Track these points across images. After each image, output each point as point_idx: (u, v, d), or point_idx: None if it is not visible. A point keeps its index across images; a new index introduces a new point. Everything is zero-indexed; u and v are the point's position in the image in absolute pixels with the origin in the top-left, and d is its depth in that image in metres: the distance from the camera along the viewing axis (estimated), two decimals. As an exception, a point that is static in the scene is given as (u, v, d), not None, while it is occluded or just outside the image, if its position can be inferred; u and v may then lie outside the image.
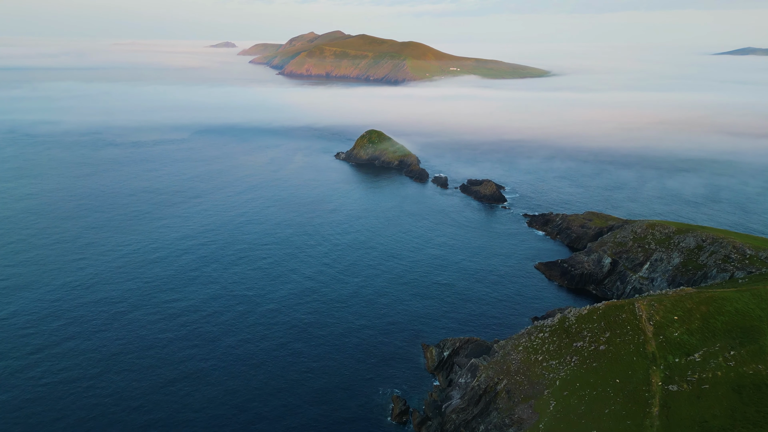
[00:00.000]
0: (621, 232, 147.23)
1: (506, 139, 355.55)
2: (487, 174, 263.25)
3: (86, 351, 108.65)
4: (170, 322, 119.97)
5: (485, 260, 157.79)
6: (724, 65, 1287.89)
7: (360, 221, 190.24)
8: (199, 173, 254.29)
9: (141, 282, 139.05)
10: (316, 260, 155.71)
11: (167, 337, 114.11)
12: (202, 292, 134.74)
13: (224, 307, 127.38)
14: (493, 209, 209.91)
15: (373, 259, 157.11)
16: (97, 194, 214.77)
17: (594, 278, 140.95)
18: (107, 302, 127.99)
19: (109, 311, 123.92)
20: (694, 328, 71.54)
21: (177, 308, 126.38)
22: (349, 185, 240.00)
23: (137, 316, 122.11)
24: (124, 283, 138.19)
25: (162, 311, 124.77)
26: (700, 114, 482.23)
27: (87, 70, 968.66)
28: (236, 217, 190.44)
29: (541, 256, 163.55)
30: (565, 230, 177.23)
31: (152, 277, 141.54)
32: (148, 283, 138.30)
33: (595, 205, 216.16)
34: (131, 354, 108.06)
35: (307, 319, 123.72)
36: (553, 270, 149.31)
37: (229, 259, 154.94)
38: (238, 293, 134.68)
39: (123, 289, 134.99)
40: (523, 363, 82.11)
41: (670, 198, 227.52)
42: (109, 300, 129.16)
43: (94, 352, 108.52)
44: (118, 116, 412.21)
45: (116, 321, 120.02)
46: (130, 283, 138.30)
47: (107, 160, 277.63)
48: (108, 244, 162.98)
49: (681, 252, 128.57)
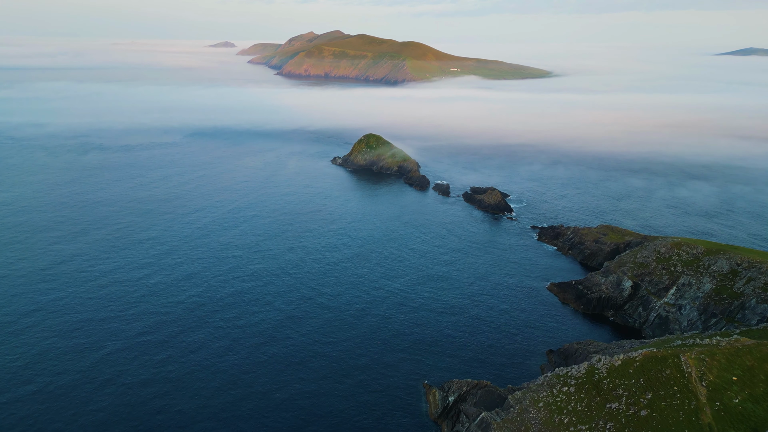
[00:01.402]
0: (642, 251, 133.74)
1: (507, 143, 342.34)
2: (489, 180, 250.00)
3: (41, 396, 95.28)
4: (142, 357, 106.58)
5: (493, 281, 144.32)
6: (727, 66, 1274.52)
7: (356, 234, 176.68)
8: (187, 180, 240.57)
9: (108, 312, 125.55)
10: (307, 282, 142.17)
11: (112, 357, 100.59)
12: (181, 313, 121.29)
13: (203, 339, 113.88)
14: (499, 220, 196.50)
15: (370, 282, 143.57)
16: (76, 203, 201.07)
17: (613, 303, 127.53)
18: (62, 335, 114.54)
19: (67, 345, 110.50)
20: (759, 394, 58.30)
21: (151, 343, 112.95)
22: (346, 193, 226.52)
23: (108, 354, 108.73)
24: (87, 311, 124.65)
25: (136, 347, 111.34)
26: (707, 117, 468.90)
27: (83, 70, 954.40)
28: (222, 232, 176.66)
29: (553, 274, 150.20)
30: (577, 245, 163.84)
31: (123, 307, 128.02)
32: (114, 316, 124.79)
33: (604, 215, 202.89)
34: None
35: (298, 354, 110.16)
36: (567, 292, 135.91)
37: (211, 281, 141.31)
38: (218, 324, 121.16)
39: (79, 319, 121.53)
40: (544, 425, 68.71)
41: (681, 208, 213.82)
42: (64, 333, 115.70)
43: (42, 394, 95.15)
44: (107, 118, 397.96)
45: (84, 360, 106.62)
46: (94, 312, 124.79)
47: (92, 165, 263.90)
48: (77, 261, 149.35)
49: (712, 277, 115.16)
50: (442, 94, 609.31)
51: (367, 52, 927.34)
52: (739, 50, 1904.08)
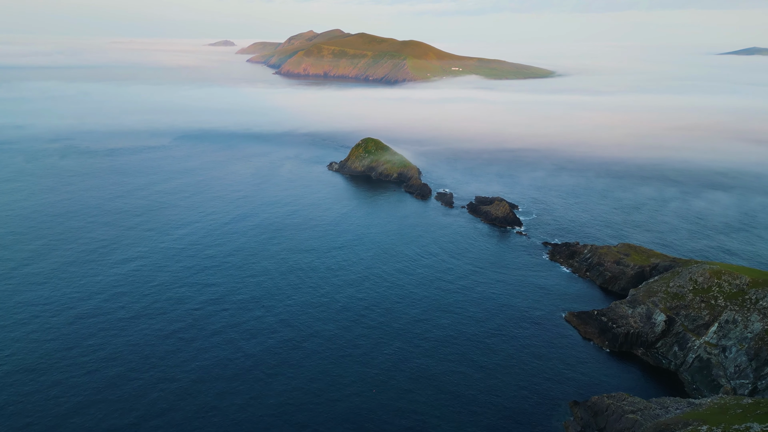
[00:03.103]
0: (675, 279, 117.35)
1: (509, 147, 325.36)
2: (493, 189, 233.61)
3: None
4: (91, 377, 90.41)
5: (503, 311, 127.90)
6: (732, 66, 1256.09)
7: (350, 251, 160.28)
8: (171, 188, 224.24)
9: (64, 365, 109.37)
10: (290, 315, 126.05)
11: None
12: (154, 342, 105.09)
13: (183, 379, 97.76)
14: (507, 235, 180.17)
15: (363, 315, 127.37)
16: (50, 215, 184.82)
17: (643, 339, 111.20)
18: (20, 371, 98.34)
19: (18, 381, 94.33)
20: None
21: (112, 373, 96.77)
22: (342, 203, 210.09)
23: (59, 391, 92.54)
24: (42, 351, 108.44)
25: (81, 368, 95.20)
26: (718, 119, 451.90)
27: (77, 69, 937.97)
28: (202, 250, 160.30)
29: (571, 301, 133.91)
30: (596, 266, 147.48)
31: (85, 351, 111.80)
32: (65, 359, 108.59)
33: (617, 229, 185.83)
34: None
35: (269, 419, 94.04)
36: (588, 324, 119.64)
37: (190, 305, 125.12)
38: (194, 366, 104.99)
39: (38, 354, 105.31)
40: None
41: (699, 222, 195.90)
42: (21, 370, 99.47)
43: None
44: (92, 120, 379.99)
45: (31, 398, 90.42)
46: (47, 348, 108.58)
47: (74, 171, 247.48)
48: (36, 291, 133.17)
49: (762, 314, 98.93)
50: (443, 95, 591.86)
51: (367, 51, 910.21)
52: (743, 50, 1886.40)
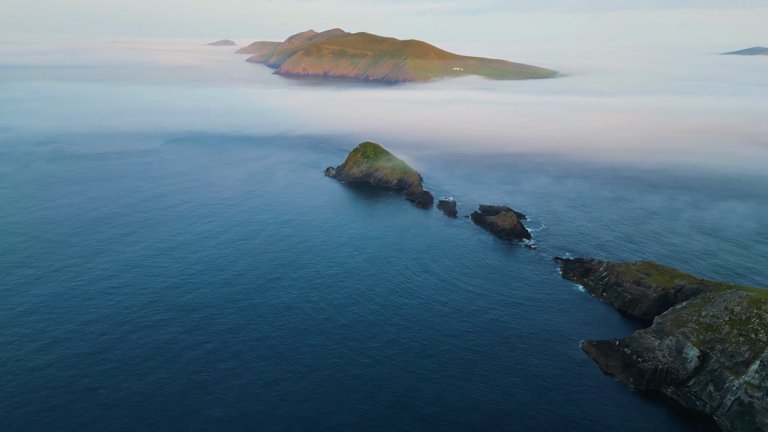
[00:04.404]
0: (707, 308, 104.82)
1: (511, 152, 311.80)
2: (496, 196, 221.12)
3: None
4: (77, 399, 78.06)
5: (514, 340, 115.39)
6: (737, 66, 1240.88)
7: (346, 267, 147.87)
8: (156, 194, 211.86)
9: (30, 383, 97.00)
10: (282, 349, 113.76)
11: None
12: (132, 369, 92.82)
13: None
14: (515, 249, 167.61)
15: (354, 349, 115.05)
16: (22, 226, 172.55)
17: (674, 377, 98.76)
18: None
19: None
20: None
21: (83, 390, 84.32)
22: (339, 212, 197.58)
23: None
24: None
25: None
26: (727, 121, 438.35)
27: (74, 69, 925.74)
28: (188, 266, 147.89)
29: (588, 327, 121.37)
30: (613, 287, 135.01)
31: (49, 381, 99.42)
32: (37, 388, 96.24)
33: (630, 243, 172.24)
34: None
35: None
36: (609, 357, 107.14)
37: (172, 328, 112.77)
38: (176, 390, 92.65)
39: None
40: None
41: (715, 234, 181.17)
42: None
43: None
44: (79, 121, 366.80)
45: None
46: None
47: (55, 177, 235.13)
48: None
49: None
50: (443, 96, 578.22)
51: (367, 50, 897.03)
52: (746, 49, 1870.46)
